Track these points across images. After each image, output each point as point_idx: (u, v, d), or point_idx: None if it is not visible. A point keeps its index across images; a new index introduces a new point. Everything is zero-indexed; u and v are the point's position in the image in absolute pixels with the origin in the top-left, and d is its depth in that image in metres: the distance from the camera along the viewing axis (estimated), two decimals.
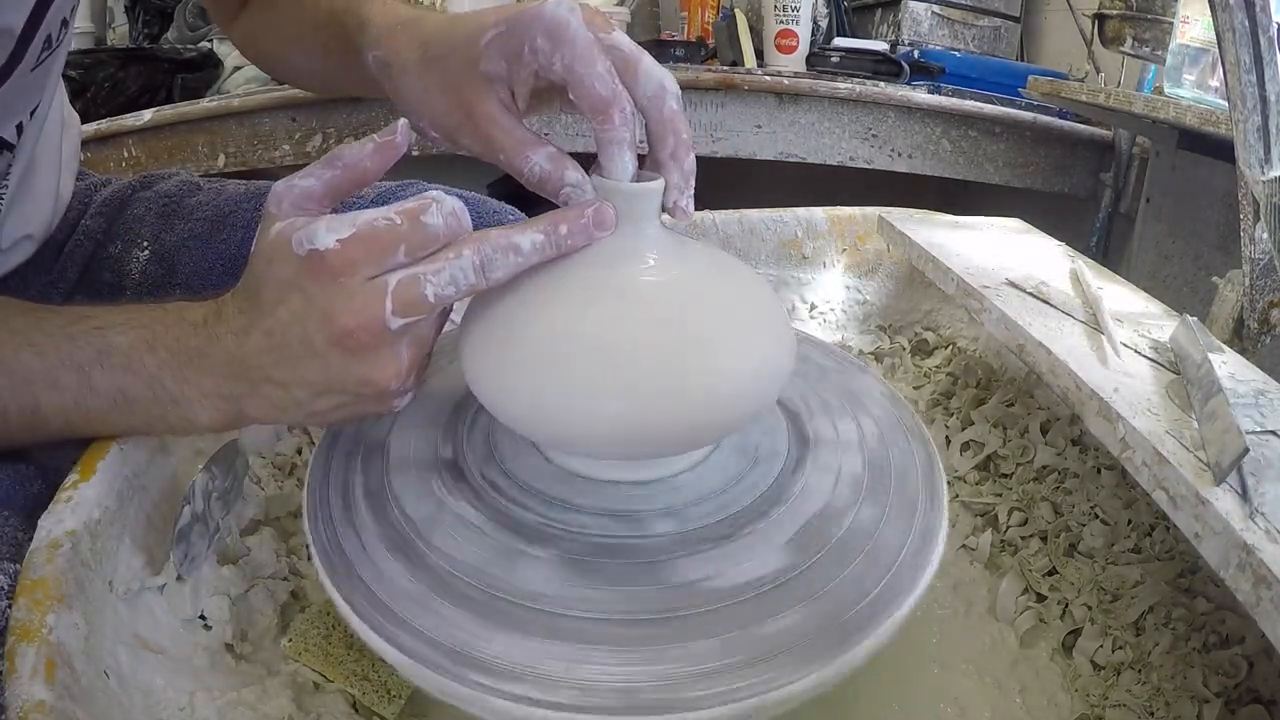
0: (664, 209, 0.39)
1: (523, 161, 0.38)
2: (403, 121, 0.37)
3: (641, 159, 0.39)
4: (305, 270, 0.34)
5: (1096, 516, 0.50)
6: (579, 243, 0.36)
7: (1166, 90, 1.04)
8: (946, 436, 0.62)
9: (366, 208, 0.35)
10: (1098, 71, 1.44)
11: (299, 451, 0.52)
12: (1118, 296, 0.58)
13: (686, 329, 0.36)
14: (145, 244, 0.64)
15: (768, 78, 1.39)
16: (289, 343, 0.35)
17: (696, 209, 0.41)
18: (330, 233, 0.33)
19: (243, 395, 0.37)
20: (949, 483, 0.56)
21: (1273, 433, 0.40)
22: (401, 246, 0.34)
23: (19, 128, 0.51)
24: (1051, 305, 0.55)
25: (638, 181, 0.38)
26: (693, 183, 0.40)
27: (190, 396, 0.37)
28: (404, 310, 0.34)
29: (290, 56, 0.59)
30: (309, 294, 0.34)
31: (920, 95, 1.38)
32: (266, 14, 0.60)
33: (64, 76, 0.59)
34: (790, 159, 1.42)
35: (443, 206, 0.34)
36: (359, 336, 0.34)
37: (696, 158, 0.40)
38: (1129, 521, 0.49)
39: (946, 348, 0.71)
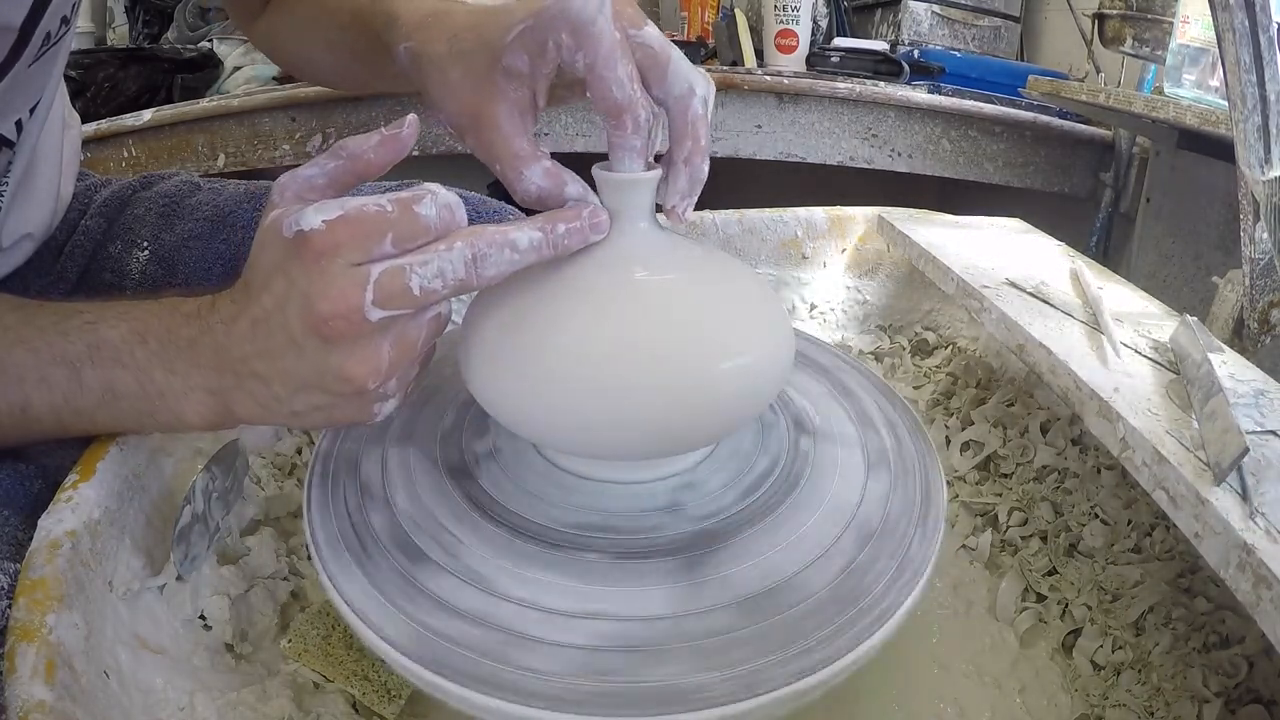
0: (662, 209, 0.39)
1: (516, 176, 0.37)
2: (411, 116, 0.36)
3: (658, 156, 0.39)
4: (291, 252, 0.33)
5: (1096, 516, 0.50)
6: (574, 243, 0.36)
7: (1166, 90, 1.03)
8: (946, 436, 0.62)
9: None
10: (1098, 71, 1.44)
11: (299, 451, 0.52)
12: (1118, 296, 0.58)
13: (686, 330, 0.36)
14: (145, 244, 0.64)
15: (768, 78, 1.39)
16: (271, 331, 0.34)
17: (696, 208, 0.41)
18: (318, 214, 0.32)
19: (229, 389, 0.36)
20: (949, 483, 0.56)
21: (1273, 433, 0.40)
22: (390, 234, 0.33)
23: (19, 125, 0.51)
24: (1051, 305, 0.55)
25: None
26: (698, 191, 0.39)
27: (177, 390, 0.36)
28: (385, 301, 0.33)
29: (315, 56, 0.58)
30: (292, 277, 0.33)
31: (920, 95, 1.38)
32: (288, 15, 0.59)
33: (64, 76, 0.58)
34: (790, 159, 1.42)
35: (437, 199, 0.34)
36: (335, 325, 0.32)
37: None
38: (1129, 521, 0.49)
39: (946, 348, 0.71)
